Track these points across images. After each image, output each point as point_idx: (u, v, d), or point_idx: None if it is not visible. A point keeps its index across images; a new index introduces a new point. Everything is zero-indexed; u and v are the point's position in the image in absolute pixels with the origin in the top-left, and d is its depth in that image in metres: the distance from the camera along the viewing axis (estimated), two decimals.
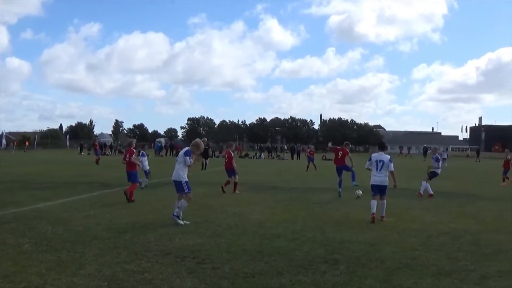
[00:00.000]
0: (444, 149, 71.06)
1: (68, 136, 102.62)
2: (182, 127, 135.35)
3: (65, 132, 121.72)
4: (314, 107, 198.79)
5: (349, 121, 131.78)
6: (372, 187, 10.87)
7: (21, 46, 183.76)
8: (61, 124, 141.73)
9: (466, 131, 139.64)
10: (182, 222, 9.51)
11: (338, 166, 16.24)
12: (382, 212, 10.58)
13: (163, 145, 68.34)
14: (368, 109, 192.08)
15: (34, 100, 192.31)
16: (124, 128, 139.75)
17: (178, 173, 9.83)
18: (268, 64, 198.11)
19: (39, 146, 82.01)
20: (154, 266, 6.33)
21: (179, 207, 9.62)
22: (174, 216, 9.53)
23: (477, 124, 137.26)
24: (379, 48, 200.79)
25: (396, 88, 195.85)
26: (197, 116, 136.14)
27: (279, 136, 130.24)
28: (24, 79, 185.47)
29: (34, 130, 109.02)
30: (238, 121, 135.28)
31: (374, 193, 10.80)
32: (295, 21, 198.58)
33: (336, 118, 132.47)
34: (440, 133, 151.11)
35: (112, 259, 6.61)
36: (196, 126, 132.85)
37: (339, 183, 15.77)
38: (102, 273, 5.92)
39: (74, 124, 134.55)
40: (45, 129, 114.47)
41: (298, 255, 7.15)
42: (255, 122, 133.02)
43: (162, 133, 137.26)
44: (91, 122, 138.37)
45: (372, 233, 9.06)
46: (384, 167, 10.75)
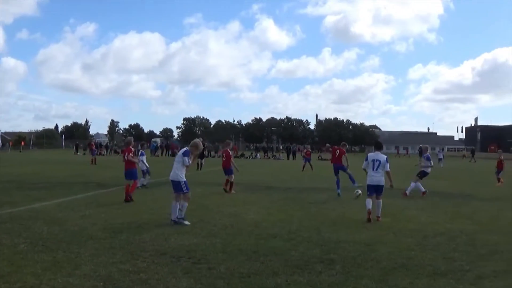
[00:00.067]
0: (440, 149, 71.22)
1: (63, 136, 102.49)
2: (178, 127, 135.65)
3: (60, 132, 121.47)
4: (310, 107, 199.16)
5: (345, 121, 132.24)
6: (369, 187, 10.83)
7: (16, 46, 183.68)
8: (56, 124, 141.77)
9: (462, 132, 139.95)
10: (187, 222, 9.52)
11: (335, 164, 16.31)
12: (378, 212, 10.57)
13: (158, 145, 68.37)
14: (364, 109, 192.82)
15: (30, 100, 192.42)
16: (120, 128, 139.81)
17: (176, 173, 9.80)
18: (264, 64, 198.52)
19: (34, 146, 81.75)
20: (149, 266, 6.32)
21: (181, 209, 9.60)
22: (179, 220, 9.50)
23: (473, 125, 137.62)
24: (375, 48, 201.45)
25: (392, 88, 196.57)
26: (192, 116, 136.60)
27: (275, 136, 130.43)
28: (20, 79, 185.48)
29: (30, 130, 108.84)
30: (234, 121, 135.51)
31: (370, 193, 10.76)
32: (291, 21, 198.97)
33: (332, 118, 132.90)
34: (436, 133, 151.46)
35: (108, 259, 6.59)
36: (192, 126, 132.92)
37: (337, 183, 15.79)
38: (97, 273, 5.90)
39: (69, 124, 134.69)
40: (40, 129, 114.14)
41: (293, 255, 7.15)
42: (251, 122, 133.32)
43: (158, 133, 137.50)
44: (86, 122, 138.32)
45: (368, 233, 9.07)
46: (380, 167, 10.74)
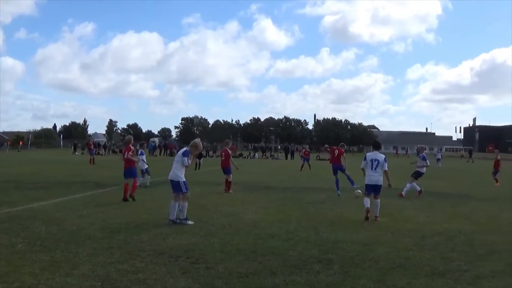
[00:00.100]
0: (438, 149, 71.30)
1: (62, 135, 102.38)
2: (176, 127, 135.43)
3: (59, 131, 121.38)
4: (308, 107, 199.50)
5: (343, 121, 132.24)
6: (367, 186, 10.87)
7: (15, 46, 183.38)
8: (55, 123, 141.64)
9: (460, 132, 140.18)
10: (190, 222, 9.54)
11: (334, 164, 16.34)
12: (376, 212, 10.58)
13: (157, 144, 68.31)
14: (362, 109, 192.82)
15: (28, 99, 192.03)
16: (118, 128, 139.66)
17: (175, 173, 9.79)
18: (262, 64, 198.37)
19: (33, 146, 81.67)
20: (147, 266, 6.31)
21: (182, 210, 9.60)
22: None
23: (471, 125, 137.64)
24: (373, 48, 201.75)
25: (390, 88, 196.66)
26: (191, 116, 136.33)
27: (273, 136, 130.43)
28: (18, 79, 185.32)
29: (28, 130, 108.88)
30: (232, 121, 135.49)
31: (368, 192, 10.81)
32: (289, 21, 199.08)
33: (330, 118, 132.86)
34: (434, 133, 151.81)
35: (106, 259, 6.59)
36: (190, 126, 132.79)
37: (336, 183, 15.83)
38: (95, 273, 5.89)
39: (68, 124, 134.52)
40: (39, 128, 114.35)
41: (292, 255, 7.14)
42: (249, 122, 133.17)
43: (156, 132, 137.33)
44: (85, 121, 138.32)
45: (366, 233, 9.07)
46: (379, 166, 10.78)
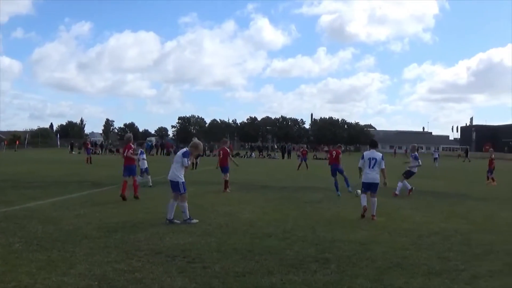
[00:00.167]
0: (435, 148, 71.37)
1: (58, 135, 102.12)
2: (173, 126, 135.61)
3: (55, 131, 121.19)
4: (305, 107, 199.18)
5: (340, 120, 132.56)
6: (363, 184, 11.00)
7: (11, 45, 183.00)
8: (51, 123, 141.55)
9: (457, 131, 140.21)
10: (195, 220, 9.55)
11: (333, 166, 16.38)
12: (373, 211, 10.61)
13: (153, 144, 68.25)
14: (359, 108, 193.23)
15: (25, 99, 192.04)
16: (115, 127, 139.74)
17: (175, 173, 9.76)
18: (259, 63, 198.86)
19: (29, 145, 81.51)
20: (144, 265, 6.30)
21: (183, 211, 9.57)
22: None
23: (468, 124, 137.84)
24: (370, 48, 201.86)
25: (387, 87, 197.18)
26: (188, 115, 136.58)
27: (270, 135, 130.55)
28: (15, 78, 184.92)
29: (25, 129, 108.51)
30: (229, 120, 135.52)
31: (364, 189, 10.98)
32: (286, 20, 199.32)
33: (327, 118, 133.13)
34: (431, 132, 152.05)
35: (103, 258, 6.57)
36: (187, 125, 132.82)
37: (336, 185, 15.86)
38: (92, 272, 5.88)
39: (64, 123, 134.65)
40: (35, 128, 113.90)
41: (289, 254, 7.14)
42: (246, 121, 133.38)
43: (153, 132, 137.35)
44: (81, 121, 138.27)
45: (363, 232, 9.07)
46: (376, 165, 10.90)
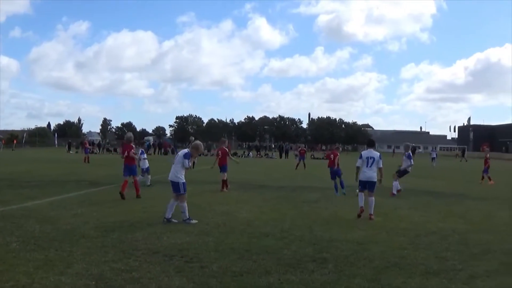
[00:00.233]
0: (433, 148, 71.48)
1: (56, 134, 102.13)
2: (170, 126, 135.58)
3: (53, 130, 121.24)
4: (302, 106, 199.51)
5: (337, 120, 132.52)
6: (360, 182, 11.04)
7: (9, 44, 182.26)
8: (49, 122, 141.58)
9: (455, 131, 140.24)
10: (194, 220, 9.54)
11: (332, 168, 16.31)
12: (370, 210, 10.63)
13: (151, 143, 68.29)
14: (357, 108, 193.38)
15: (22, 98, 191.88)
16: (112, 127, 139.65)
17: (175, 174, 9.76)
18: (257, 63, 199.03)
19: (27, 145, 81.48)
20: (142, 265, 6.29)
21: (183, 212, 9.57)
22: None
23: (465, 124, 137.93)
24: (367, 47, 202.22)
25: (385, 87, 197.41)
26: (185, 115, 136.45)
27: (268, 134, 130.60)
28: (13, 77, 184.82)
29: (22, 129, 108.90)
30: (227, 119, 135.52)
31: (361, 187, 11.03)
32: (284, 20, 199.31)
33: (325, 117, 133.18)
34: (429, 132, 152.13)
35: (100, 258, 6.56)
36: (185, 125, 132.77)
37: (335, 187, 15.87)
38: (89, 272, 5.87)
39: (62, 123, 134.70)
40: (33, 127, 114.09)
41: (286, 253, 7.14)
42: (243, 120, 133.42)
43: (151, 131, 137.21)
44: (79, 120, 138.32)
45: (360, 232, 9.07)
46: (374, 164, 10.97)
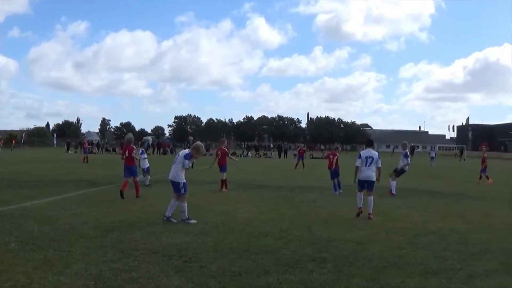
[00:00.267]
0: (432, 148, 71.49)
1: (55, 134, 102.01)
2: (169, 125, 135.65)
3: (52, 130, 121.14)
4: (301, 106, 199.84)
5: (336, 119, 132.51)
6: (359, 182, 11.07)
7: (8, 44, 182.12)
8: (48, 122, 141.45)
9: (453, 130, 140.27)
10: (193, 221, 9.53)
11: (332, 169, 16.37)
12: (369, 209, 10.64)
13: (150, 143, 68.23)
14: (356, 108, 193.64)
15: (21, 98, 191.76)
16: (111, 127, 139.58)
17: (175, 174, 9.76)
18: (256, 62, 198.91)
19: (26, 145, 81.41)
20: (141, 265, 6.29)
21: (182, 211, 9.57)
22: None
23: (464, 123, 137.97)
24: (366, 47, 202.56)
25: (383, 87, 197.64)
26: (184, 115, 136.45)
27: (266, 134, 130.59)
28: (11, 77, 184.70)
29: (21, 129, 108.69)
30: (225, 119, 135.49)
31: (360, 187, 11.05)
32: (283, 20, 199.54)
33: (323, 117, 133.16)
34: (427, 132, 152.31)
35: (99, 257, 6.56)
36: (183, 125, 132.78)
37: (334, 186, 15.94)
38: (88, 272, 5.86)
39: (61, 122, 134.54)
40: (32, 127, 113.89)
41: (285, 253, 7.13)
42: (242, 120, 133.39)
43: (149, 131, 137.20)
44: (78, 120, 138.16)
45: (359, 231, 9.07)
46: (373, 163, 11.02)
